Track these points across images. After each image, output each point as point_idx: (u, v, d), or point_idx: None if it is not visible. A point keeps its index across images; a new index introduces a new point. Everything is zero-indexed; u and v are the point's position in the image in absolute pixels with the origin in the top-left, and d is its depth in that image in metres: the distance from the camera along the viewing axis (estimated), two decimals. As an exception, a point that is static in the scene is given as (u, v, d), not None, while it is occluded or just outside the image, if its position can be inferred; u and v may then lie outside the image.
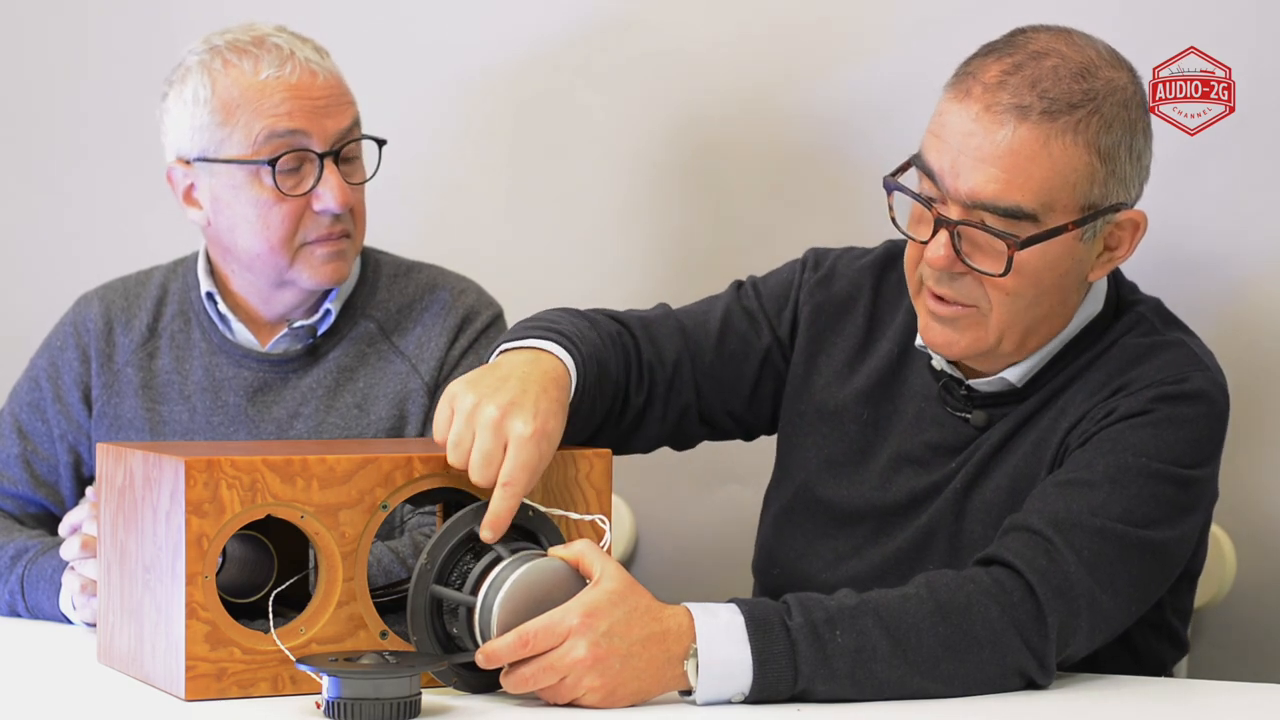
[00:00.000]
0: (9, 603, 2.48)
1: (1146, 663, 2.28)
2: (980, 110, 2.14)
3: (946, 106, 2.18)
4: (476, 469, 2.03)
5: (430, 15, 3.18)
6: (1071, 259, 2.19)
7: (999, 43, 2.20)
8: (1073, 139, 2.13)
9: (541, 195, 3.14)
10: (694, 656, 1.98)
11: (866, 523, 2.32)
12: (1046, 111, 2.12)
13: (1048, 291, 2.19)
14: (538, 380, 2.10)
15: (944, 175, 2.16)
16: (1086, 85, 2.14)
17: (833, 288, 2.40)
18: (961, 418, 2.28)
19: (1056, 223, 2.14)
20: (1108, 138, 2.15)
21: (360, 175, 2.62)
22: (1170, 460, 2.14)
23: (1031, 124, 2.12)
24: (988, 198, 2.13)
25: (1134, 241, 2.22)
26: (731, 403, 2.41)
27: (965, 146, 2.14)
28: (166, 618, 2.02)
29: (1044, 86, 2.13)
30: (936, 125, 2.19)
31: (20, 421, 2.69)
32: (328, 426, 2.61)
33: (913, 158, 2.21)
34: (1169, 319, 2.29)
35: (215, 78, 2.55)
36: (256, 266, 2.60)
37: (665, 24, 3.05)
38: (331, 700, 1.91)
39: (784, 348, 2.41)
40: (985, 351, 2.22)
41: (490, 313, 2.69)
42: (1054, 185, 2.14)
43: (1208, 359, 2.24)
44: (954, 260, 2.17)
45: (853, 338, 2.38)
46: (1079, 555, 2.07)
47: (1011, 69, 2.15)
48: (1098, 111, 2.14)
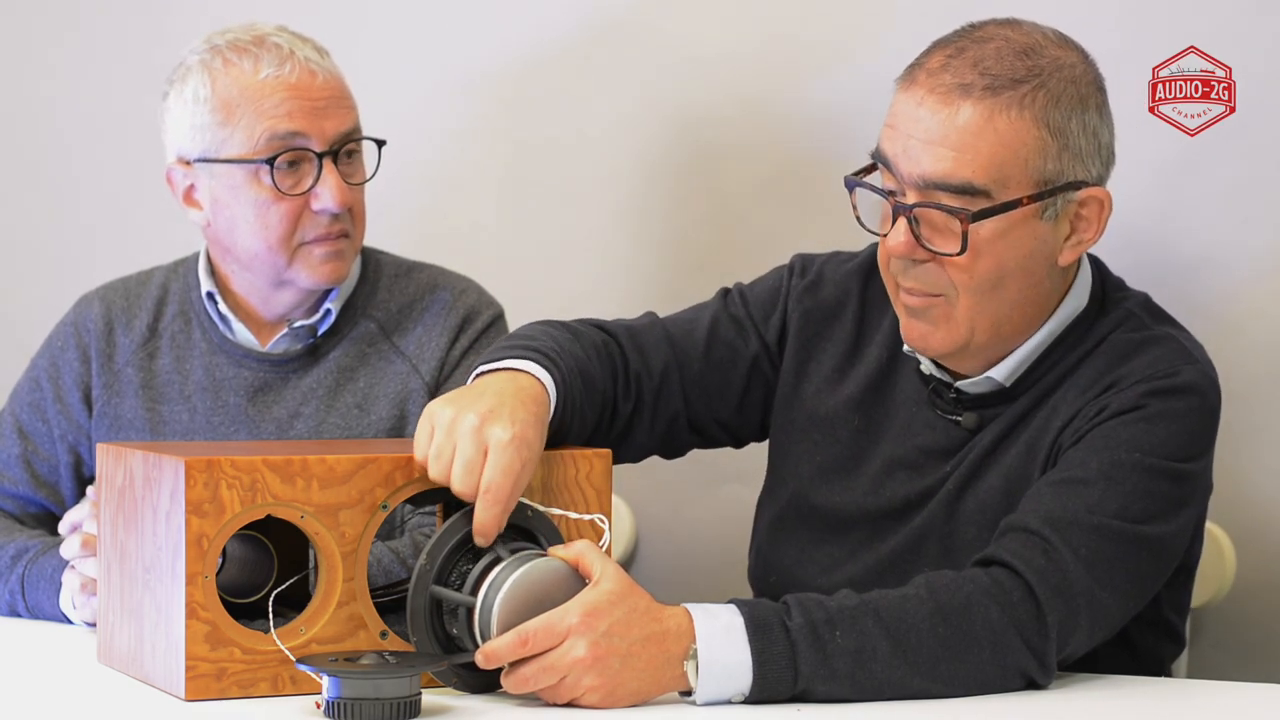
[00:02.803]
0: (9, 603, 2.48)
1: (1144, 660, 2.28)
2: (924, 94, 2.16)
3: (896, 98, 2.21)
4: (458, 478, 2.02)
5: (430, 16, 3.18)
6: (1034, 239, 2.19)
7: (948, 35, 2.23)
8: (1018, 113, 2.14)
9: (541, 196, 3.14)
10: (694, 657, 1.98)
11: (860, 528, 2.32)
12: (989, 87, 2.14)
13: (1012, 275, 2.19)
14: (513, 394, 2.10)
15: (898, 161, 2.17)
16: (1031, 62, 2.16)
17: (820, 293, 2.40)
18: (953, 420, 2.28)
19: (1010, 197, 2.15)
20: (1056, 112, 2.16)
21: (360, 175, 2.62)
22: (1164, 455, 2.14)
23: (974, 100, 2.14)
24: (939, 176, 2.14)
25: (1101, 222, 2.22)
26: (720, 411, 2.41)
27: (914, 131, 2.16)
28: (166, 618, 2.02)
29: (986, 65, 2.15)
30: (890, 117, 2.21)
31: (21, 422, 2.69)
32: (328, 426, 2.61)
33: (872, 153, 2.22)
34: (1157, 313, 2.29)
35: (215, 77, 2.55)
36: (255, 266, 2.60)
37: (665, 25, 3.05)
38: (331, 700, 1.91)
39: (772, 355, 2.41)
40: (961, 345, 2.22)
41: (491, 313, 2.69)
42: (1004, 160, 2.14)
43: (1197, 352, 2.24)
44: (914, 245, 2.17)
45: (842, 343, 2.38)
46: (1076, 553, 2.07)
47: (955, 53, 2.17)
48: (1043, 86, 2.15)
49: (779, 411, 2.40)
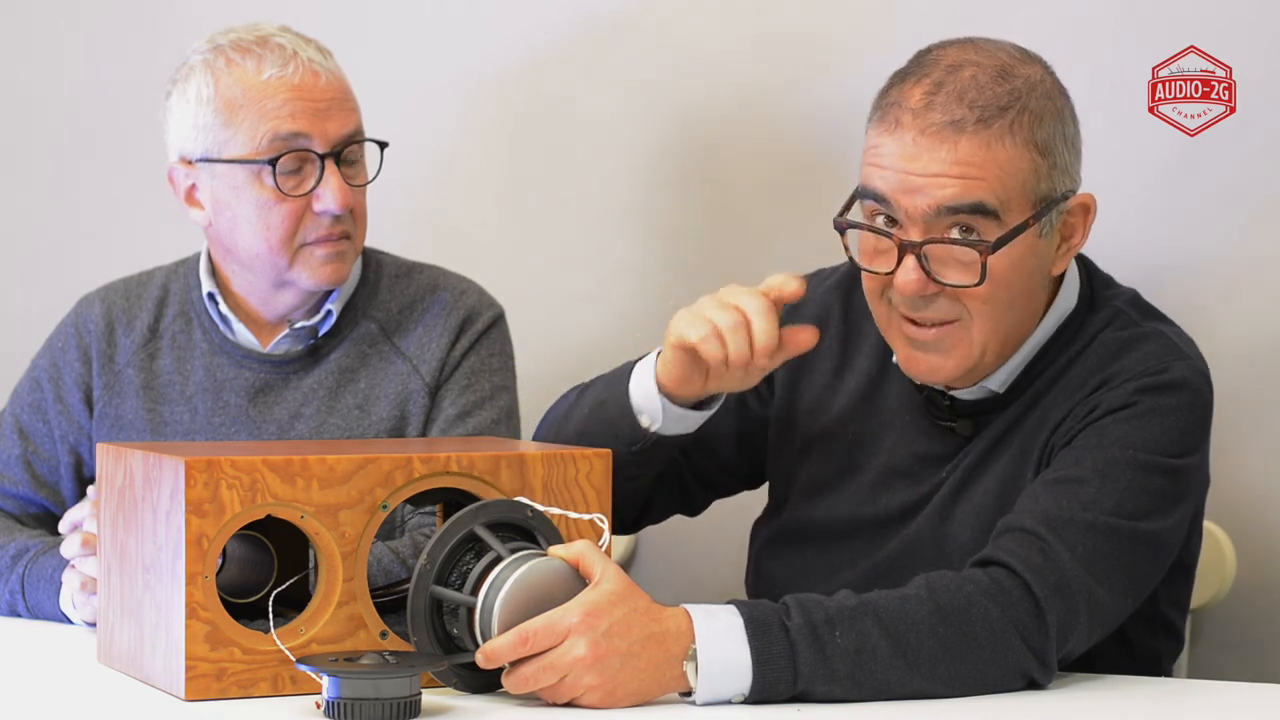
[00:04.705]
0: (9, 602, 2.48)
1: (1141, 657, 2.28)
2: (916, 135, 2.14)
3: (879, 140, 2.18)
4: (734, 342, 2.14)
5: (432, 16, 3.18)
6: (1035, 256, 2.19)
7: (910, 67, 2.21)
8: (1011, 140, 2.14)
9: (541, 196, 3.14)
10: (693, 658, 1.98)
11: (856, 537, 2.32)
12: (981, 120, 2.14)
13: (1020, 294, 2.20)
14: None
15: (898, 198, 2.16)
16: (1009, 86, 2.15)
17: (803, 313, 2.40)
18: (947, 427, 2.28)
19: (1015, 221, 2.15)
20: (1041, 132, 2.16)
21: (362, 177, 2.62)
22: (1157, 451, 2.14)
23: (970, 134, 2.13)
24: (950, 200, 2.13)
25: (1087, 225, 2.23)
26: (721, 459, 2.43)
27: (911, 168, 2.15)
28: (166, 618, 2.02)
29: (971, 97, 2.14)
30: (873, 156, 2.18)
31: (21, 422, 2.69)
32: (329, 427, 2.61)
33: (856, 192, 2.21)
34: (1146, 310, 2.29)
35: (218, 77, 2.55)
36: (256, 267, 2.60)
37: (666, 26, 3.05)
38: (331, 700, 1.91)
39: (759, 391, 2.41)
40: (972, 368, 2.22)
41: (491, 313, 2.69)
42: (1006, 185, 2.14)
43: (1188, 347, 2.24)
44: (926, 282, 2.16)
45: (829, 359, 2.38)
46: (1073, 552, 2.07)
47: (933, 88, 2.16)
48: (1026, 109, 2.15)
49: (775, 437, 2.41)
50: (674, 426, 2.27)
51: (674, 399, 2.24)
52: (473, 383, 2.64)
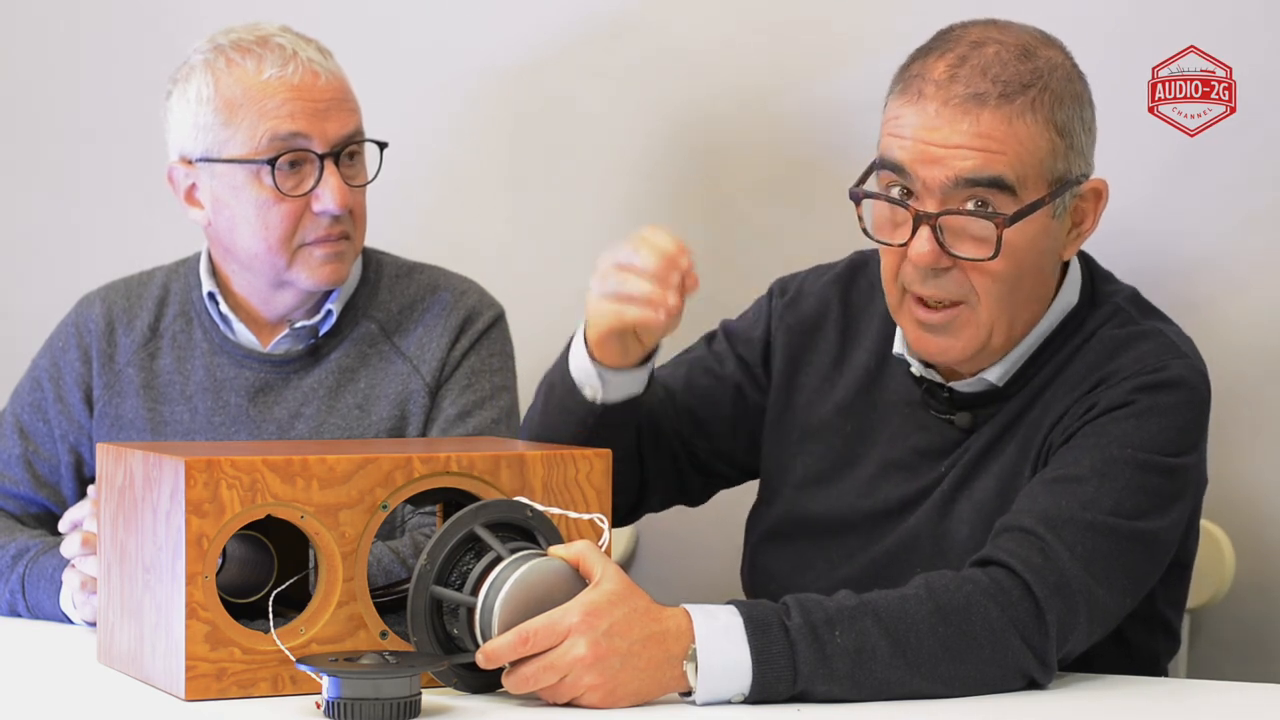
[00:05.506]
0: (10, 602, 2.49)
1: (1139, 657, 2.28)
2: (939, 106, 2.15)
3: (900, 111, 2.19)
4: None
5: (431, 16, 3.18)
6: (1047, 237, 2.20)
7: (933, 43, 2.22)
8: (1032, 117, 2.15)
9: (541, 196, 3.14)
10: (693, 658, 1.98)
11: (854, 531, 2.31)
12: (1004, 95, 2.15)
13: (1029, 274, 2.20)
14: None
15: (916, 168, 2.16)
16: (1032, 65, 2.17)
17: (802, 308, 2.40)
18: (946, 420, 2.28)
19: (1031, 199, 2.15)
20: (1061, 113, 2.17)
21: (361, 177, 2.63)
22: (1155, 450, 2.14)
23: (992, 108, 2.14)
24: (969, 171, 2.14)
25: (1098, 212, 2.24)
26: (716, 441, 2.42)
27: (932, 139, 2.15)
28: (166, 618, 2.02)
29: (994, 72, 2.15)
30: (893, 127, 2.19)
31: (22, 422, 2.70)
32: (329, 427, 2.61)
33: (874, 163, 2.21)
34: (1146, 308, 2.29)
35: (219, 76, 2.56)
36: (255, 266, 2.60)
37: (665, 25, 3.05)
38: (331, 700, 1.91)
39: (757, 378, 2.41)
40: (979, 350, 2.22)
41: (492, 313, 2.69)
42: (1025, 161, 2.15)
43: (1186, 346, 2.24)
44: (939, 254, 2.17)
45: (827, 353, 2.38)
46: (1072, 551, 2.07)
47: (957, 61, 2.17)
48: (1047, 89, 2.16)
49: (770, 429, 2.40)
50: (617, 392, 2.27)
51: (612, 367, 2.25)
52: (473, 383, 2.64)
